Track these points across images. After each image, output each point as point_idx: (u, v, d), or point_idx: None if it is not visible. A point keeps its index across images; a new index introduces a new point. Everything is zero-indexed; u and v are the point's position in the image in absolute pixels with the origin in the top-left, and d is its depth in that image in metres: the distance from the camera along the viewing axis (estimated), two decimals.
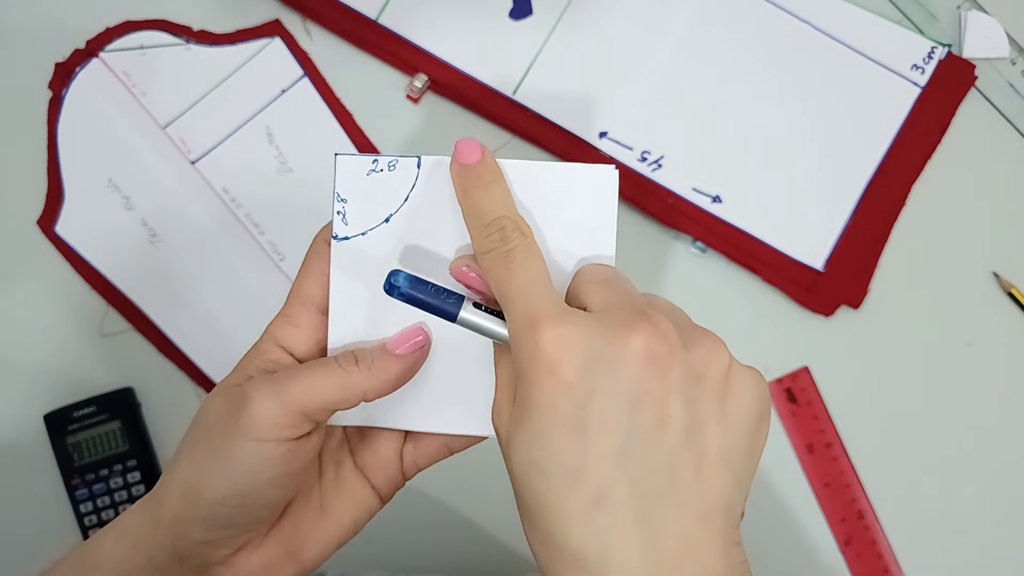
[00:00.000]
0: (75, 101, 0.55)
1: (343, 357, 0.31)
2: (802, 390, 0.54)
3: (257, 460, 0.29)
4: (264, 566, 0.32)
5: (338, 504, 0.34)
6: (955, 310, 0.55)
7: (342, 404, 0.31)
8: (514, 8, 0.56)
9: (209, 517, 0.30)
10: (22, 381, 0.54)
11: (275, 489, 0.31)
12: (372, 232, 0.33)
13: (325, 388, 0.30)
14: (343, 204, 0.33)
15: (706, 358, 0.27)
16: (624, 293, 0.29)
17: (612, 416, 0.26)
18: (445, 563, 0.53)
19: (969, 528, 0.54)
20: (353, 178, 0.32)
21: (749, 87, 0.56)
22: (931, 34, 0.57)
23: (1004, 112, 0.56)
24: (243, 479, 0.30)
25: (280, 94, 0.56)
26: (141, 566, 0.31)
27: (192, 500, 0.30)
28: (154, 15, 0.56)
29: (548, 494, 0.26)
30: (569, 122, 0.55)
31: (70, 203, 0.55)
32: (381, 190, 0.32)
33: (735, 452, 0.27)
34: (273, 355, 0.32)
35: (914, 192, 0.55)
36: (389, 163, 0.32)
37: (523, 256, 0.29)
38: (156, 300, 0.54)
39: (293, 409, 0.30)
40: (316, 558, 0.34)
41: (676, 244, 0.55)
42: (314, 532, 0.33)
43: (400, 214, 0.32)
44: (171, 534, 0.30)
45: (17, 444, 0.53)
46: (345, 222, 0.33)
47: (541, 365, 0.26)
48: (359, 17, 0.56)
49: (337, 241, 0.33)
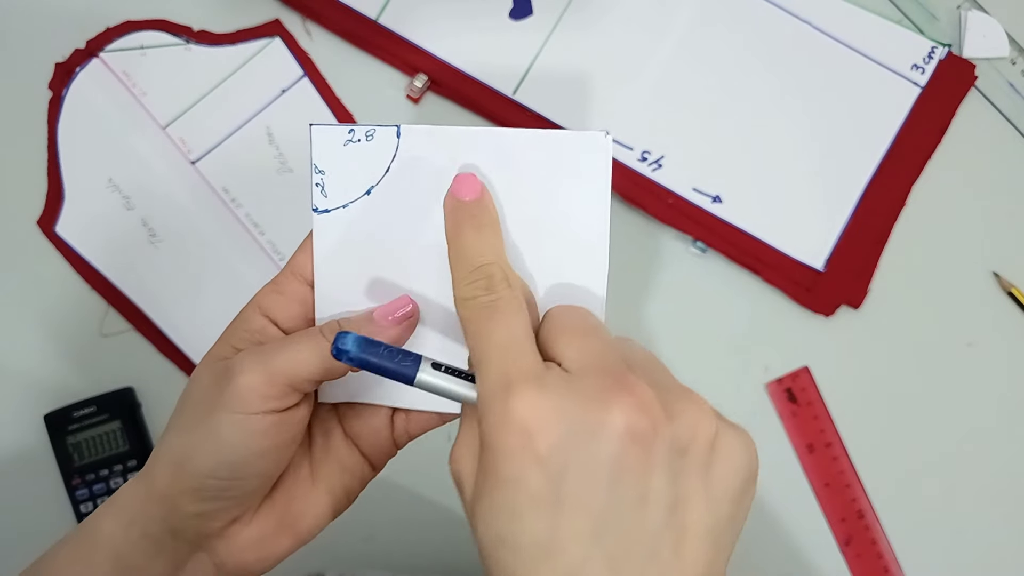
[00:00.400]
0: (75, 101, 0.55)
1: (328, 327, 0.31)
2: (802, 390, 0.54)
3: (243, 433, 0.29)
4: (258, 538, 0.32)
5: (329, 474, 0.34)
6: (955, 310, 0.55)
7: (328, 375, 0.30)
8: (514, 8, 0.56)
9: (199, 488, 0.30)
10: (22, 381, 0.54)
11: (263, 461, 0.31)
12: (353, 204, 0.32)
13: (310, 359, 0.30)
14: (321, 176, 0.32)
15: (691, 428, 0.25)
16: (602, 349, 0.27)
17: (589, 493, 0.24)
18: (445, 563, 0.53)
19: (969, 528, 0.54)
20: (330, 149, 0.31)
21: (749, 87, 0.56)
22: (931, 34, 0.57)
23: (1004, 112, 0.56)
24: (230, 452, 0.30)
25: (280, 94, 0.56)
26: (136, 541, 0.31)
27: (181, 473, 0.30)
28: (154, 15, 0.56)
29: (518, 570, 0.24)
30: (569, 122, 0.55)
31: (70, 203, 0.55)
32: (360, 161, 0.31)
33: (719, 523, 0.26)
34: (257, 324, 0.32)
35: (914, 192, 0.55)
36: (367, 132, 0.31)
37: (508, 310, 0.28)
38: (156, 300, 0.54)
39: (278, 380, 0.29)
40: (311, 528, 0.33)
41: (676, 244, 0.55)
42: (307, 503, 0.33)
43: (382, 185, 0.32)
44: (164, 507, 0.30)
45: (17, 444, 0.53)
46: (324, 194, 0.32)
47: (511, 434, 0.25)
48: (359, 17, 0.56)
49: (317, 214, 0.32)
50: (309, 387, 0.31)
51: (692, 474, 0.25)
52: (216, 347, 0.32)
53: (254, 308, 0.32)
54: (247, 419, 0.29)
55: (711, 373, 0.54)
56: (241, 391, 0.29)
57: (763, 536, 0.53)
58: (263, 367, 0.29)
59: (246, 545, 0.32)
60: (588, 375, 0.26)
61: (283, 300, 0.32)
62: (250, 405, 0.29)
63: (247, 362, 0.30)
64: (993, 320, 0.55)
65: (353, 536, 0.53)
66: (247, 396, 0.29)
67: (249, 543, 0.32)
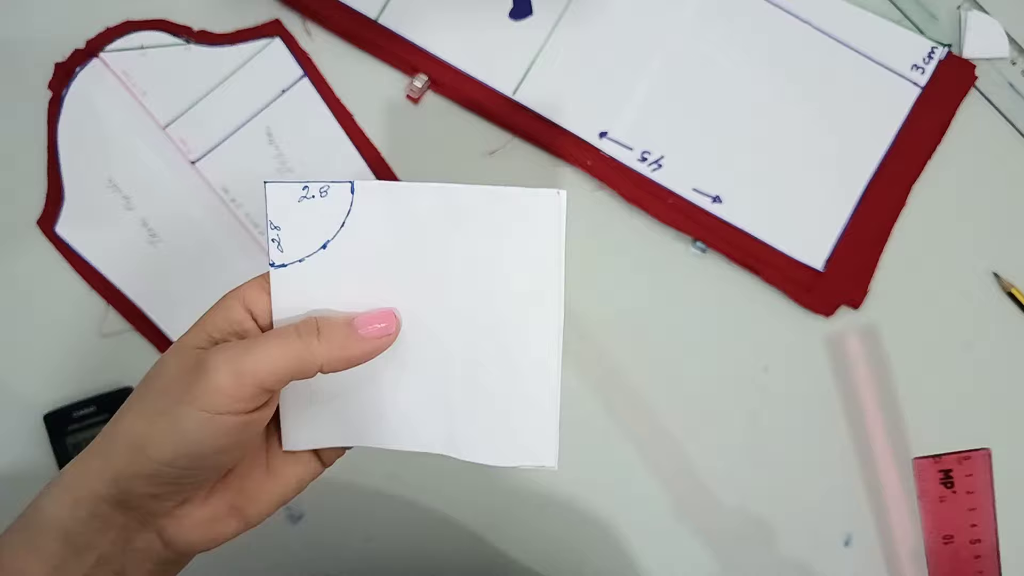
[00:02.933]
0: (75, 101, 0.55)
1: (304, 326, 0.31)
2: (967, 476, 0.45)
3: (207, 430, 0.30)
4: (208, 520, 0.33)
5: (284, 464, 0.35)
6: (955, 310, 0.55)
7: (298, 376, 0.31)
8: (514, 8, 0.56)
9: (154, 474, 0.30)
10: (22, 381, 0.54)
11: (223, 456, 0.31)
12: (310, 259, 0.32)
13: (282, 359, 0.30)
14: (277, 231, 0.32)
15: None
16: None
17: None
18: (445, 563, 0.53)
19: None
20: (285, 205, 0.32)
21: (749, 87, 0.56)
22: (931, 34, 0.57)
23: (1004, 112, 0.56)
24: (191, 446, 0.30)
25: (280, 94, 0.56)
26: (86, 519, 0.31)
27: (138, 457, 0.30)
28: (154, 15, 0.56)
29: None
30: (569, 122, 0.55)
31: (70, 203, 0.55)
32: (315, 217, 0.32)
33: None
34: (236, 315, 0.32)
35: (914, 192, 0.55)
36: (321, 189, 0.32)
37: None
38: (156, 300, 0.54)
39: (247, 382, 0.29)
40: (260, 514, 0.34)
41: (676, 244, 0.55)
42: (260, 490, 0.34)
43: (338, 240, 0.32)
44: (116, 487, 0.31)
45: (17, 444, 0.53)
46: (280, 249, 0.32)
47: None
48: (359, 17, 0.56)
49: (274, 268, 0.33)
50: (278, 386, 0.31)
51: None
52: (191, 333, 0.32)
53: (237, 299, 0.32)
54: (212, 418, 0.29)
55: (710, 373, 0.54)
56: (209, 390, 0.29)
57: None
58: (234, 367, 0.29)
59: (194, 525, 0.33)
60: None
61: (267, 299, 0.33)
62: (217, 405, 0.29)
63: (219, 360, 0.30)
64: (993, 320, 0.55)
65: (353, 536, 0.53)
66: (215, 396, 0.29)
67: (198, 523, 0.33)
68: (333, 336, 0.31)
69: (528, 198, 0.32)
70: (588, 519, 0.54)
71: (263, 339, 0.31)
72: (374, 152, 0.56)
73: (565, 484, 0.53)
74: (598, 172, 0.55)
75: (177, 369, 0.31)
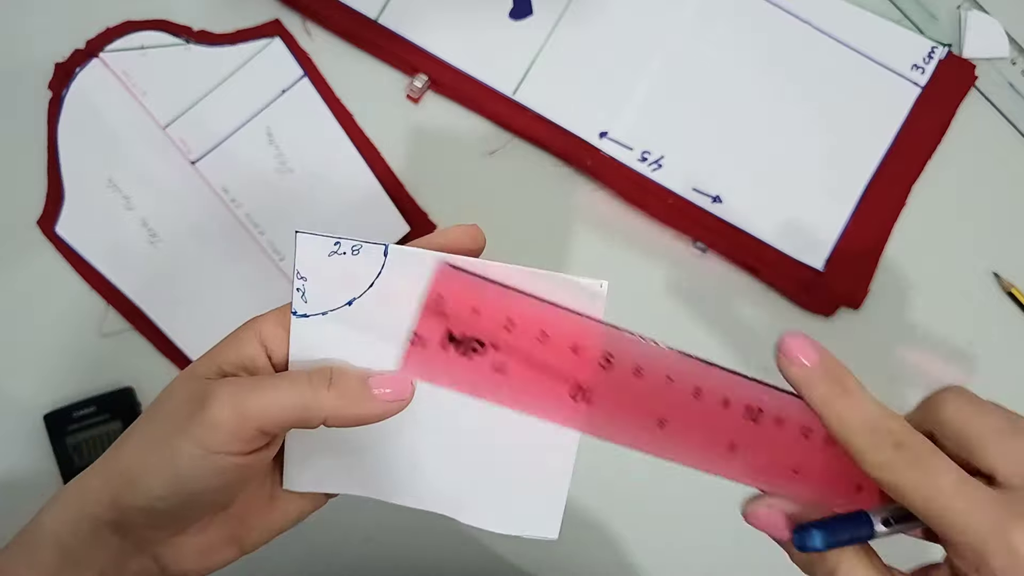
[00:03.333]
0: (75, 101, 0.55)
1: (317, 375, 0.30)
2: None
3: (200, 468, 0.29)
4: (205, 548, 0.32)
5: (289, 500, 0.34)
6: (955, 310, 0.55)
7: (300, 424, 0.30)
8: (514, 8, 0.56)
9: (147, 507, 0.30)
10: (22, 381, 0.54)
11: (217, 495, 0.30)
12: (333, 313, 0.31)
13: (287, 406, 0.29)
14: (303, 282, 0.31)
15: None
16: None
17: None
18: (444, 564, 0.53)
19: None
20: (314, 257, 0.31)
21: (749, 87, 0.56)
22: (931, 34, 0.57)
23: (1004, 112, 0.56)
24: (185, 483, 0.29)
25: (280, 94, 0.56)
26: (83, 538, 0.30)
27: (133, 489, 0.29)
28: (154, 15, 0.56)
29: None
30: (569, 122, 0.55)
31: (70, 203, 0.55)
32: (344, 273, 0.31)
33: None
34: (250, 350, 0.31)
35: (914, 192, 0.55)
36: (353, 247, 0.31)
37: (931, 455, 0.27)
38: (156, 300, 0.54)
39: (249, 424, 0.28)
40: (257, 543, 0.33)
41: (676, 244, 0.55)
42: (261, 521, 0.33)
43: (364, 299, 0.31)
44: (113, 511, 0.30)
45: (17, 444, 0.53)
46: (305, 299, 0.31)
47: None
48: (359, 17, 0.56)
49: (296, 317, 0.31)
50: (279, 431, 0.30)
51: None
52: (202, 362, 0.31)
53: (253, 333, 0.31)
54: (206, 456, 0.28)
55: None
56: (206, 424, 0.28)
57: None
58: (237, 405, 0.28)
59: (191, 553, 0.32)
60: None
61: (284, 336, 0.31)
62: (212, 442, 0.28)
63: (223, 393, 0.29)
64: (993, 320, 0.55)
65: (353, 537, 0.53)
66: (211, 431, 0.28)
67: (194, 552, 0.32)
68: (345, 390, 0.30)
69: (571, 285, 0.31)
70: (588, 519, 0.54)
71: (272, 379, 0.29)
72: (374, 152, 0.56)
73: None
74: (598, 172, 0.55)
75: (182, 397, 0.30)
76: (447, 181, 0.56)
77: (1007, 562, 0.24)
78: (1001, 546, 0.25)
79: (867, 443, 0.27)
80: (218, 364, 0.31)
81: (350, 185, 0.55)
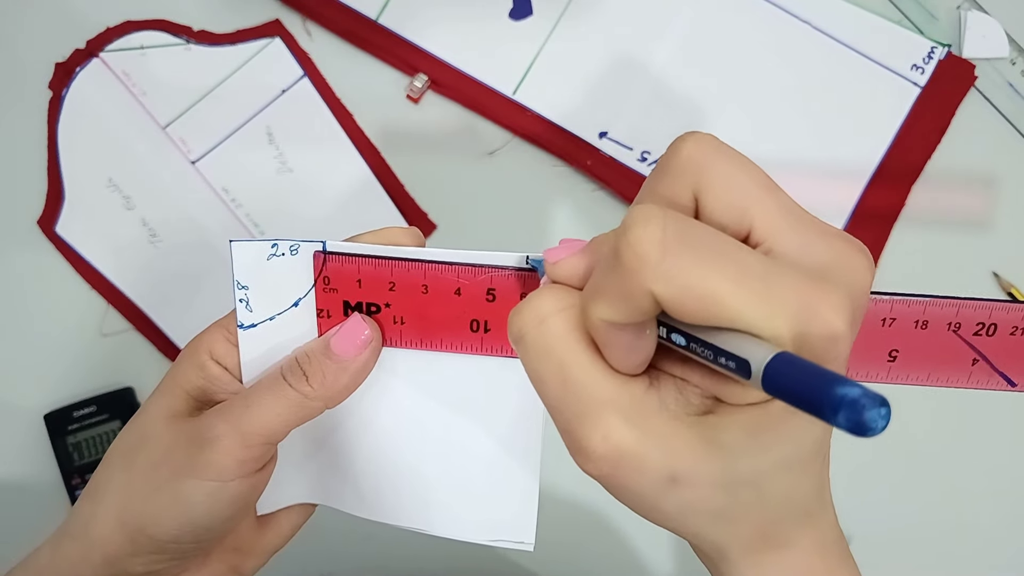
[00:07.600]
0: (75, 101, 0.55)
1: (292, 375, 0.30)
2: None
3: (216, 500, 0.29)
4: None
5: (277, 517, 0.34)
6: None
7: (305, 420, 0.30)
8: (514, 8, 0.56)
9: (156, 553, 0.30)
10: (22, 381, 0.54)
11: (230, 523, 0.30)
12: (281, 316, 0.31)
13: (283, 413, 0.29)
14: (244, 291, 0.31)
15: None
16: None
17: None
18: (444, 563, 0.53)
19: (969, 527, 0.54)
20: (252, 264, 0.30)
21: (749, 87, 0.56)
22: (931, 34, 0.57)
23: (1004, 112, 0.56)
24: (201, 519, 0.29)
25: (280, 94, 0.56)
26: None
27: (136, 539, 0.29)
28: (154, 15, 0.56)
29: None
30: (569, 122, 0.55)
31: (70, 203, 0.55)
32: (285, 275, 0.30)
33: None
34: (212, 371, 0.31)
35: (914, 192, 0.55)
36: (291, 247, 0.30)
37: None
38: (156, 300, 0.54)
39: (255, 441, 0.29)
40: (257, 566, 0.34)
41: None
42: (256, 545, 0.34)
43: (310, 297, 0.31)
44: (108, 569, 0.30)
45: (17, 444, 0.53)
46: (249, 309, 0.31)
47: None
48: (359, 17, 0.56)
49: (243, 329, 0.31)
50: (284, 437, 0.30)
51: None
52: (164, 396, 0.31)
53: (205, 354, 0.31)
54: (222, 487, 0.29)
55: None
56: (217, 459, 0.28)
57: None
58: (237, 430, 0.29)
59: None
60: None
61: (235, 351, 0.31)
62: (227, 472, 0.29)
63: (220, 426, 0.29)
64: None
65: (353, 535, 0.53)
66: (224, 463, 0.29)
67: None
68: (321, 375, 0.30)
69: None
70: (587, 519, 0.54)
71: (256, 394, 0.30)
72: (374, 152, 0.56)
73: (564, 484, 0.53)
74: (598, 172, 0.55)
75: (170, 441, 0.30)
76: (447, 181, 0.56)
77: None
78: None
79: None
80: (183, 389, 0.31)
81: (350, 185, 0.55)
